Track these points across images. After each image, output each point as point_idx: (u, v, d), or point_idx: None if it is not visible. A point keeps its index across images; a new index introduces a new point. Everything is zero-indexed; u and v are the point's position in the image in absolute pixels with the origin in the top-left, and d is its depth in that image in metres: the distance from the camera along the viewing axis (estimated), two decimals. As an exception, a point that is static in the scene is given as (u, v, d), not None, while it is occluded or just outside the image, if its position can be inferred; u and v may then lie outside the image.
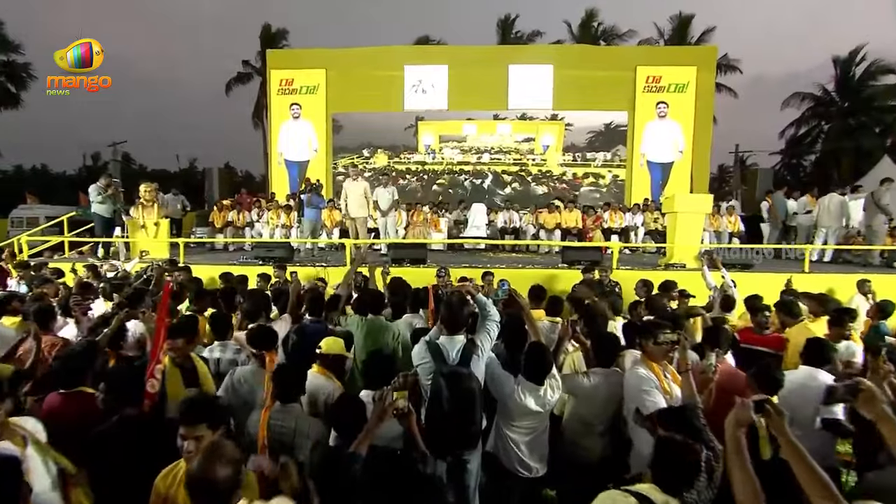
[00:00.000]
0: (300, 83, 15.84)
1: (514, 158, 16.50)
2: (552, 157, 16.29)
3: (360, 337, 4.25)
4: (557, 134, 16.20)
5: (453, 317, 2.92)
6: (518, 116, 16.14)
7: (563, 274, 7.77)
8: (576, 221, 11.02)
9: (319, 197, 9.83)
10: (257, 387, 3.05)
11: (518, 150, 16.44)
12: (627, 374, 3.12)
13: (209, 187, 13.21)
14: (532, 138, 16.34)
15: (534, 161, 16.38)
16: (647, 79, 14.92)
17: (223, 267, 8.03)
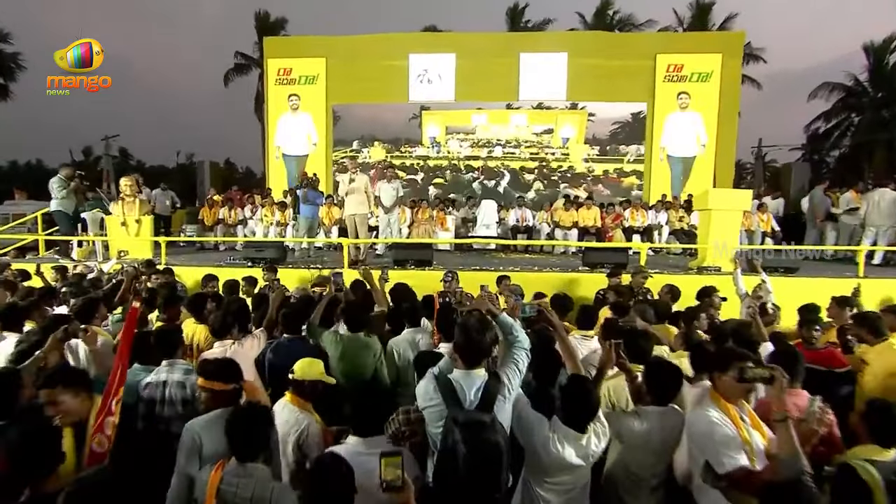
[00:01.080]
0: (299, 73, 15.25)
1: (530, 153, 15.61)
2: (575, 152, 15.36)
3: (333, 357, 3.64)
4: (578, 125, 15.30)
5: (472, 345, 2.27)
6: (533, 106, 15.31)
7: (585, 278, 7.13)
8: (594, 220, 10.37)
9: (317, 192, 9.22)
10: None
11: (536, 142, 15.47)
12: (693, 417, 2.47)
13: (200, 182, 12.61)
14: (550, 129, 15.45)
15: (553, 155, 15.50)
16: (667, 67, 14.17)
17: (208, 269, 7.42)
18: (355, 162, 8.22)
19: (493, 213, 10.81)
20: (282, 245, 8.30)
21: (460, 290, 5.09)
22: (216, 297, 4.73)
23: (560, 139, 15.35)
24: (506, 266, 7.89)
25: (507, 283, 6.05)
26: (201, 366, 2.70)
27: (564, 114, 15.30)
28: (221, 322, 3.69)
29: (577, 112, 15.24)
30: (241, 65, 21.83)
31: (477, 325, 2.27)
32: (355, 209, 8.21)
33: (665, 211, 10.57)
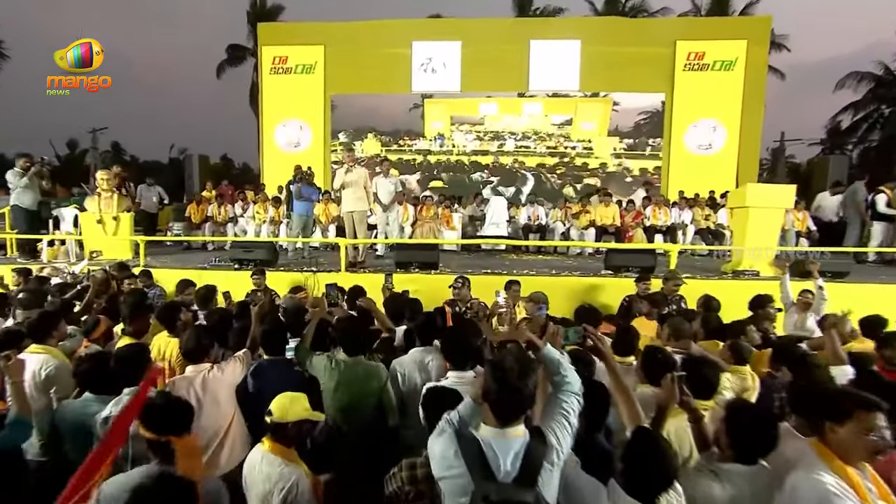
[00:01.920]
0: (295, 61, 14.78)
1: (547, 146, 14.87)
2: (601, 146, 14.61)
3: (328, 388, 3.08)
4: (601, 115, 14.57)
5: (509, 395, 1.67)
6: (548, 94, 14.62)
7: (609, 284, 6.54)
8: (613, 218, 9.76)
9: (312, 187, 8.65)
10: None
11: (554, 134, 14.71)
12: (799, 483, 1.88)
13: (189, 177, 12.05)
14: (569, 120, 14.73)
15: (574, 149, 14.72)
16: (688, 55, 13.59)
17: (191, 272, 6.87)
18: (352, 154, 7.63)
19: (504, 210, 10.25)
20: (273, 245, 7.72)
21: (476, 301, 4.49)
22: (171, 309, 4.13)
23: (580, 130, 14.65)
24: (518, 269, 7.31)
25: (516, 290, 5.48)
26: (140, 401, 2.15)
27: (585, 103, 14.62)
28: (195, 343, 3.12)
29: (600, 100, 14.54)
30: (235, 55, 21.21)
31: (516, 367, 1.68)
32: (353, 206, 7.63)
33: (689, 208, 9.97)
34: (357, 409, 3.03)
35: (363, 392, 3.05)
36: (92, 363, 2.87)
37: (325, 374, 3.09)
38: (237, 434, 3.01)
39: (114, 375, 2.81)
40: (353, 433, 2.96)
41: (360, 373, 3.09)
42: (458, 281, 5.17)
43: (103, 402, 2.73)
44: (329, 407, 2.99)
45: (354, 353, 3.16)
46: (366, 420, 3.03)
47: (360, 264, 7.51)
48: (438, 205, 10.63)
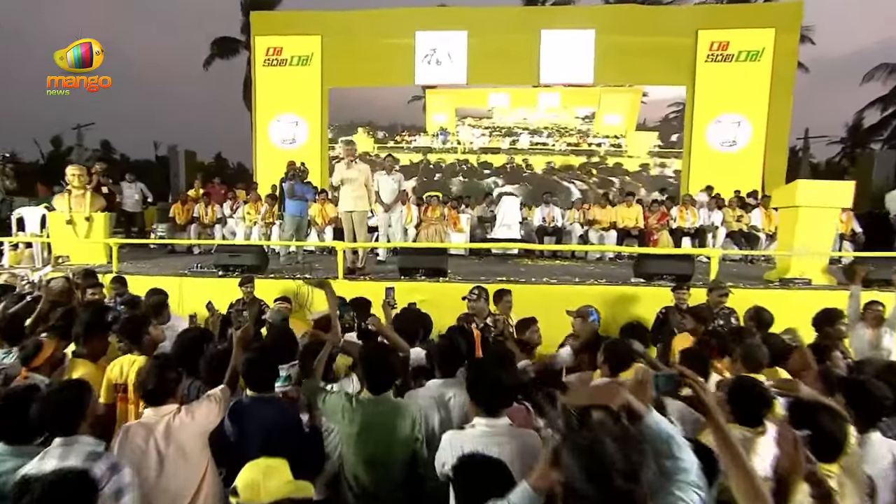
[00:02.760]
0: (291, 52, 14.15)
1: (568, 143, 14.09)
2: (635, 142, 13.77)
3: (348, 435, 2.47)
4: (629, 107, 13.80)
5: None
6: (566, 84, 13.92)
7: (643, 294, 5.93)
8: (636, 219, 9.17)
9: (306, 186, 8.04)
10: None
11: (575, 129, 13.92)
12: None
13: (174, 175, 11.45)
14: (591, 114, 14.00)
15: (598, 145, 13.91)
16: (710, 45, 12.95)
17: (167, 280, 6.27)
18: (353, 148, 7.01)
19: (516, 211, 9.63)
20: (263, 249, 7.11)
21: (501, 319, 3.83)
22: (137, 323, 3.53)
23: (603, 124, 13.93)
24: (536, 276, 6.70)
25: (508, 300, 4.87)
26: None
27: (611, 93, 13.91)
28: (155, 382, 2.51)
29: (628, 91, 13.81)
30: (228, 47, 20.57)
31: (621, 460, 1.05)
32: (352, 205, 7.02)
33: (718, 209, 9.35)
34: (386, 462, 2.43)
35: (393, 439, 2.44)
36: (7, 404, 2.25)
37: (342, 416, 2.48)
38: (210, 495, 2.43)
39: (39, 421, 2.21)
40: (383, 495, 2.36)
41: (388, 414, 2.48)
42: (474, 292, 4.54)
43: (21, 456, 2.14)
44: (350, 459, 2.40)
45: (381, 391, 2.55)
46: (396, 477, 2.43)
47: (360, 271, 6.91)
48: (444, 205, 10.03)
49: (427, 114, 14.51)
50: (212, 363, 2.95)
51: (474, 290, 4.51)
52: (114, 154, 30.08)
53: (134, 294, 5.43)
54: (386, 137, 14.60)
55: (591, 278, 6.62)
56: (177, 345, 3.29)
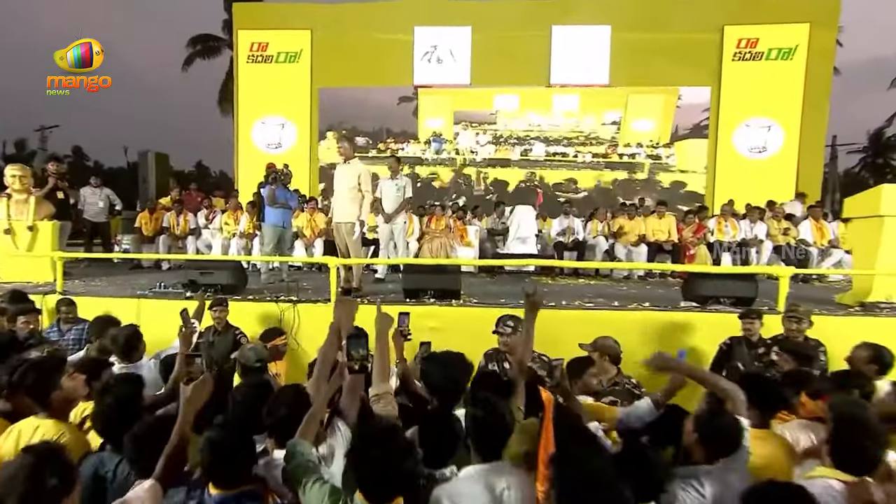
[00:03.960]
0: (278, 48, 13.52)
1: (594, 154, 13.18)
2: (687, 154, 12.98)
3: None
4: (662, 111, 13.09)
5: None
6: (578, 85, 13.20)
7: (696, 321, 5.08)
8: (668, 232, 8.39)
9: (288, 191, 7.18)
10: None
11: (597, 136, 13.07)
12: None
13: (143, 181, 10.58)
14: (617, 120, 13.23)
15: (631, 157, 13.05)
16: (738, 42, 12.36)
17: (123, 302, 5.39)
18: (351, 145, 6.16)
19: (532, 222, 8.87)
20: (240, 265, 6.24)
21: (560, 366, 2.91)
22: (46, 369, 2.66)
23: (630, 131, 13.15)
24: (566, 297, 5.85)
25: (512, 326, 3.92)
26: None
27: (640, 94, 13.21)
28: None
29: (661, 91, 13.07)
30: (208, 46, 19.88)
31: None
32: (343, 214, 6.17)
33: (762, 221, 8.58)
34: None
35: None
36: None
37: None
38: None
39: None
40: None
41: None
42: (508, 323, 3.68)
43: None
44: None
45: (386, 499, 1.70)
46: None
47: (356, 291, 6.03)
48: (450, 215, 9.23)
49: (419, 118, 13.77)
50: (144, 438, 2.06)
51: (507, 321, 3.64)
52: (86, 160, 29.14)
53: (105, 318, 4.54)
54: (368, 145, 13.82)
55: (631, 300, 5.77)
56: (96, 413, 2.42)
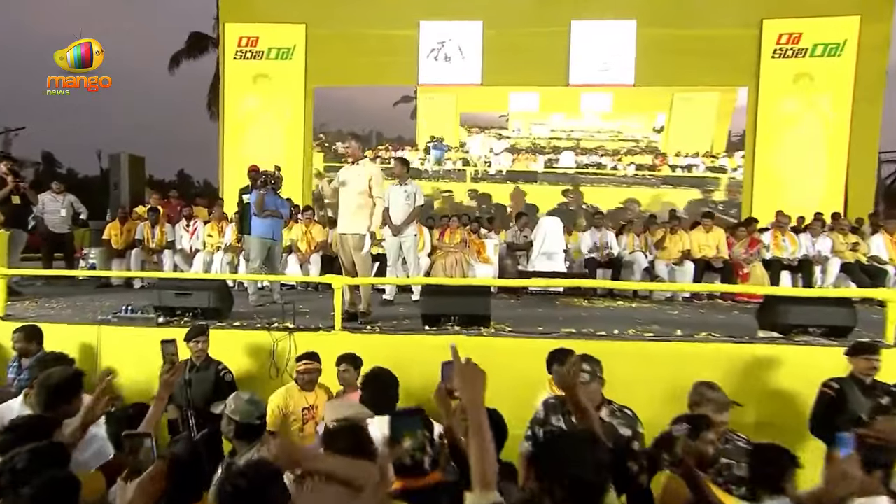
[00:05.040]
0: (269, 44, 13.02)
1: (637, 165, 12.44)
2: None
3: None
4: (717, 113, 12.47)
5: None
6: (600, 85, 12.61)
7: (783, 355, 4.39)
8: (717, 247, 7.73)
9: (279, 197, 6.50)
10: None
11: (638, 141, 12.42)
12: None
13: (115, 186, 9.91)
14: (659, 126, 12.58)
15: (687, 168, 12.41)
16: (778, 38, 11.85)
17: (81, 330, 4.68)
18: (360, 144, 5.50)
19: (559, 236, 8.23)
20: (226, 285, 5.53)
21: (681, 432, 2.17)
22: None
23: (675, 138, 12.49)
24: (606, 326, 5.14)
25: (586, 370, 3.14)
26: None
27: (688, 92, 12.53)
28: None
29: (714, 90, 12.42)
30: (198, 44, 19.36)
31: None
32: (344, 225, 5.48)
33: (825, 234, 7.94)
34: None
35: None
36: None
37: None
38: None
39: None
40: None
41: None
42: (586, 367, 2.92)
43: None
44: None
45: None
46: None
47: (364, 317, 5.32)
48: (464, 226, 8.60)
49: (418, 121, 13.19)
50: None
51: (584, 362, 2.88)
52: (58, 167, 28.48)
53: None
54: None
55: (693, 328, 5.06)
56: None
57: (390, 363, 3.71)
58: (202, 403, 4.16)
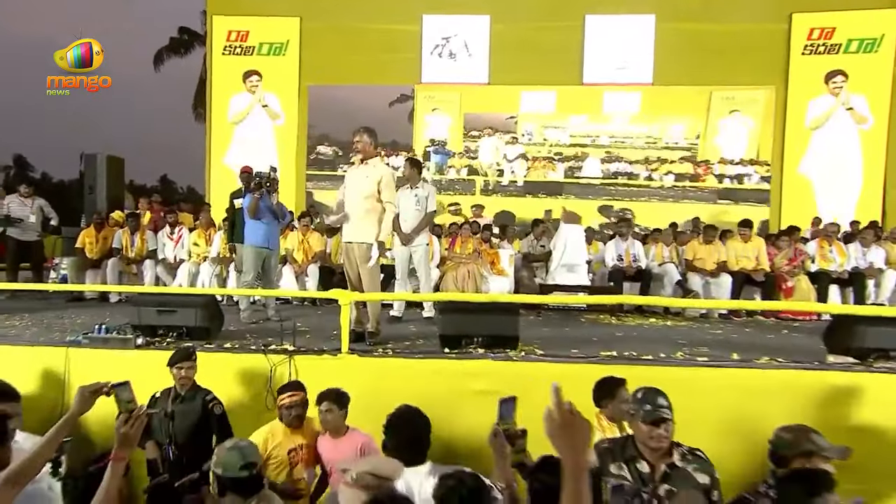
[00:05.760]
0: (260, 38, 12.70)
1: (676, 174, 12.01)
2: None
3: None
4: (763, 114, 12.03)
5: None
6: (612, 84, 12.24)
7: (860, 385, 3.97)
8: (757, 259, 7.34)
9: (275, 201, 6.05)
10: None
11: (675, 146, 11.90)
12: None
13: (89, 189, 9.52)
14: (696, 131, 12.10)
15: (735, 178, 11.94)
16: (809, 33, 11.56)
17: (42, 353, 4.23)
18: (373, 139, 5.02)
19: (581, 245, 7.87)
20: (214, 301, 5.07)
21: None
22: None
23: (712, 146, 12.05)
24: (648, 347, 4.72)
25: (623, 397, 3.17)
26: None
27: (731, 91, 12.17)
28: None
29: (758, 87, 12.00)
30: (184, 40, 19.07)
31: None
32: (357, 232, 5.01)
33: (877, 244, 7.57)
34: None
35: None
36: None
37: None
38: None
39: None
40: None
41: None
42: (662, 403, 2.49)
43: None
44: None
45: None
46: None
47: (372, 337, 4.86)
48: (476, 234, 8.21)
49: (416, 122, 12.81)
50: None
51: (658, 396, 2.43)
52: (29, 170, 27.99)
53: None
54: (337, 158, 12.84)
55: (749, 351, 4.62)
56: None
57: (407, 393, 3.41)
58: (187, 439, 3.77)
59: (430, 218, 6.30)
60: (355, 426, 3.55)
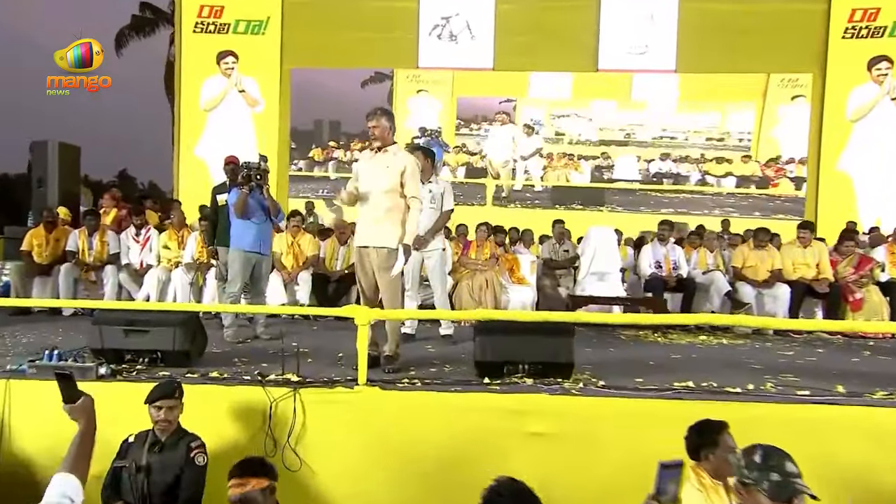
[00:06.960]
0: (236, 15, 12.42)
1: (737, 177, 11.80)
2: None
3: None
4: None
5: None
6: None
7: None
8: (818, 267, 6.91)
9: (266, 197, 5.50)
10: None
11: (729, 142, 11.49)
12: None
13: (38, 182, 9.05)
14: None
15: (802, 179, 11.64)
16: (850, 14, 11.39)
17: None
18: (392, 123, 4.44)
19: (614, 251, 7.56)
20: (195, 317, 4.47)
21: None
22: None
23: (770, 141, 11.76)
24: (704, 371, 4.31)
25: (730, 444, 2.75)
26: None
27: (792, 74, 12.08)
28: None
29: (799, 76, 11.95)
30: (148, 19, 18.57)
31: None
32: (374, 234, 4.40)
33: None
34: None
35: None
36: None
37: None
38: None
39: None
40: None
41: None
42: (791, 470, 2.00)
43: None
44: None
45: None
46: None
47: (390, 362, 4.28)
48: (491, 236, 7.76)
49: (395, 108, 12.37)
50: None
51: (787, 461, 1.96)
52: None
53: None
54: (293, 151, 12.76)
55: (828, 377, 4.12)
56: None
57: (443, 436, 3.38)
58: (166, 501, 3.19)
59: (446, 218, 5.79)
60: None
